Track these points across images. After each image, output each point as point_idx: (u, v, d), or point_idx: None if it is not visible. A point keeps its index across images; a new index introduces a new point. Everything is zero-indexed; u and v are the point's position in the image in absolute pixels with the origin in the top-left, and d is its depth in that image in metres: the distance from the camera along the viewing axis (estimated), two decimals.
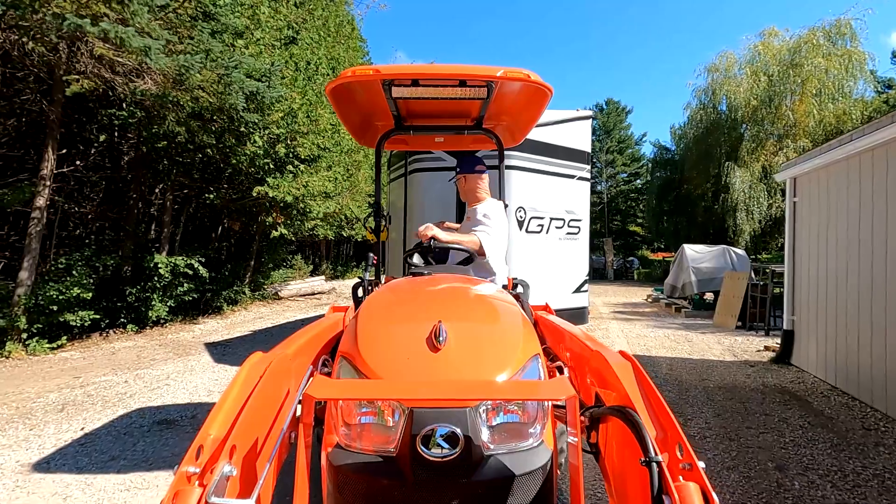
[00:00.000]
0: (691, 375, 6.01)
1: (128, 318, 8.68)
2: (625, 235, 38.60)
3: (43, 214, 7.08)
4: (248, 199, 9.29)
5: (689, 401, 4.95)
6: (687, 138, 23.43)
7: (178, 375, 5.77)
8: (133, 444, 3.76)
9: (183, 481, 1.08)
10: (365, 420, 1.43)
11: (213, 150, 8.35)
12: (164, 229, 9.32)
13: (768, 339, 8.45)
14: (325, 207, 11.96)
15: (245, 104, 6.71)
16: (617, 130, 40.33)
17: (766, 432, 4.05)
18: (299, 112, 8.30)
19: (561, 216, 6.43)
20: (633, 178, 40.76)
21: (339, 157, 11.12)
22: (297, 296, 15.20)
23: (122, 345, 7.72)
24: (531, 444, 1.43)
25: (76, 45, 5.26)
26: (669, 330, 9.50)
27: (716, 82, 21.36)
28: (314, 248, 24.94)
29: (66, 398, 4.93)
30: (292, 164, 9.04)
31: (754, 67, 20.34)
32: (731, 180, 19.14)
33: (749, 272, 10.13)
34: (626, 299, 15.50)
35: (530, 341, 1.68)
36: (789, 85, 19.13)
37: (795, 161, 6.26)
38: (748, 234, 19.20)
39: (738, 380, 5.80)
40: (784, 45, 20.18)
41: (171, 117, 6.71)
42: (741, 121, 20.48)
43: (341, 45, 13.04)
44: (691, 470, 1.13)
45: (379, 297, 2.12)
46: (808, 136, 19.22)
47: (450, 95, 2.73)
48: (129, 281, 8.71)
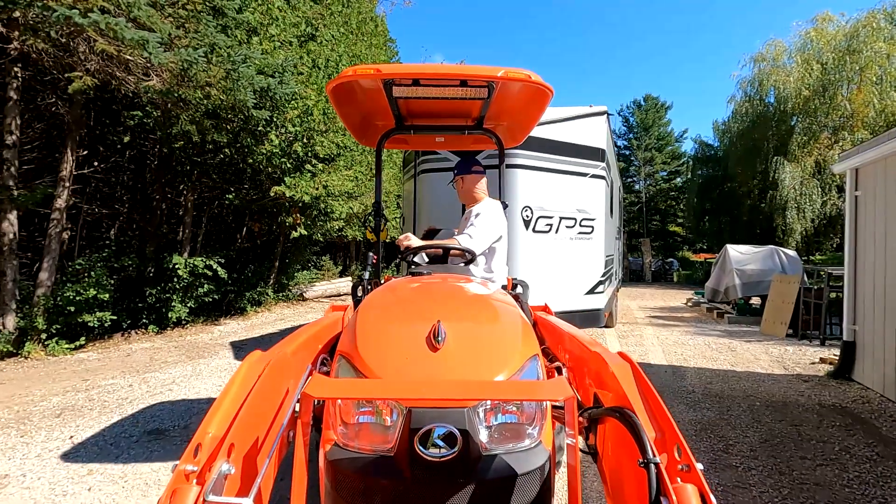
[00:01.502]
0: (734, 390, 5.37)
1: (149, 318, 8.71)
2: (664, 236, 37.09)
3: (63, 215, 7.13)
4: (267, 199, 9.16)
5: (731, 421, 4.36)
6: (731, 133, 22.11)
7: (183, 380, 5.60)
8: (115, 456, 3.55)
9: (181, 479, 1.07)
10: (363, 419, 1.42)
11: (230, 150, 8.26)
12: (185, 230, 9.32)
13: (824, 349, 7.61)
14: (347, 208, 11.79)
15: (256, 101, 6.53)
16: (656, 127, 38.75)
17: (824, 465, 3.45)
18: (315, 109, 8.09)
19: (572, 215, 6.25)
20: (672, 176, 39.10)
21: (360, 156, 10.89)
22: (322, 297, 15.13)
23: (139, 346, 7.70)
24: (529, 444, 1.42)
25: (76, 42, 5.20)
26: (710, 337, 8.75)
27: (763, 72, 20.05)
28: (344, 250, 25.01)
29: (68, 402, 4.82)
30: (310, 162, 8.85)
31: (806, 55, 18.94)
32: (780, 176, 17.86)
33: (801, 275, 9.24)
34: (663, 303, 14.64)
35: (529, 342, 1.67)
36: (846, 73, 17.67)
37: (857, 149, 5.52)
38: (799, 234, 17.86)
39: (790, 397, 5.14)
40: (840, 30, 18.73)
41: (184, 116, 6.61)
42: (791, 113, 19.12)
43: (363, 42, 12.85)
44: (689, 471, 1.12)
45: (378, 297, 2.10)
46: (867, 128, 17.72)
47: (450, 95, 2.72)
48: (151, 282, 8.73)
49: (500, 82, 2.53)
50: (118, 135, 8.81)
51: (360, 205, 12.94)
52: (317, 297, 14.93)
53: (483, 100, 2.78)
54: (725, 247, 11.10)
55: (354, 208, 12.44)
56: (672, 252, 35.09)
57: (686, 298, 14.93)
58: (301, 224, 9.84)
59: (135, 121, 7.27)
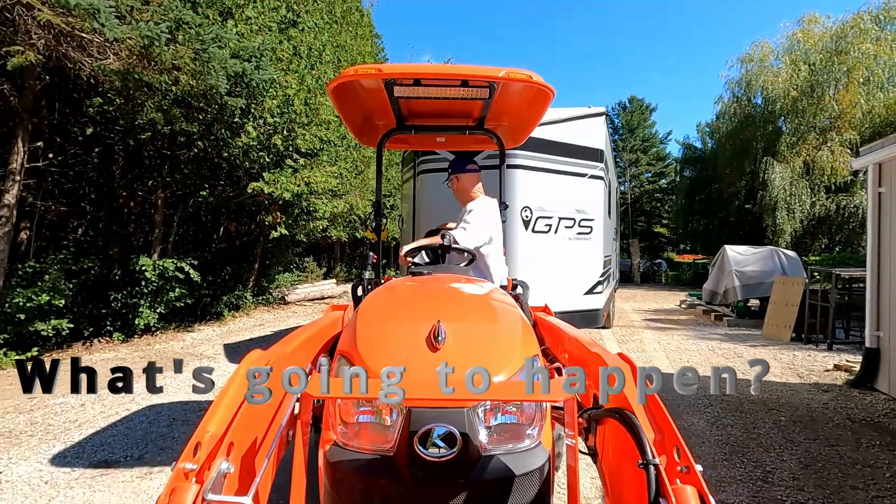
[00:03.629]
0: (753, 402, 4.96)
1: (114, 326, 8.00)
2: (649, 237, 37.18)
3: (12, 212, 6.42)
4: (245, 196, 8.52)
5: (761, 441, 3.92)
6: (720, 133, 22.07)
7: (144, 398, 4.97)
8: (47, 501, 2.94)
9: (180, 478, 1.07)
10: (363, 419, 1.42)
11: (204, 143, 7.61)
12: (156, 230, 8.62)
13: (833, 354, 7.29)
14: (332, 207, 11.17)
15: (229, 87, 5.92)
16: (641, 129, 38.92)
17: (881, 496, 3.02)
18: (296, 99, 7.49)
19: (571, 216, 6.26)
20: (657, 177, 39.31)
21: (345, 151, 10.29)
22: (304, 300, 14.46)
23: (101, 356, 7.01)
24: (529, 444, 1.42)
25: (15, 12, 4.54)
26: (713, 342, 8.39)
27: (750, 73, 19.99)
28: (328, 251, 24.29)
29: (5, 427, 4.17)
30: (291, 157, 8.24)
31: (794, 56, 18.92)
32: (770, 177, 17.75)
33: (804, 276, 8.94)
34: (657, 305, 14.32)
35: (529, 342, 1.68)
36: (833, 73, 17.66)
37: (882, 143, 5.17)
38: (789, 235, 17.77)
39: (815, 410, 4.73)
40: (827, 31, 18.75)
41: (149, 104, 5.97)
42: (779, 113, 19.10)
43: (349, 32, 12.25)
44: (688, 473, 1.11)
45: (378, 297, 2.07)
46: (854, 129, 17.76)
47: (451, 95, 2.72)
48: (116, 286, 8.02)
49: (501, 83, 2.53)
50: (80, 125, 8.09)
51: (346, 203, 12.34)
52: (299, 301, 14.26)
53: (484, 100, 2.78)
54: (724, 248, 10.77)
55: (339, 207, 11.83)
56: (657, 253, 35.17)
57: (679, 300, 14.65)
58: (282, 223, 9.21)
59: (95, 108, 6.58)
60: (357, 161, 12.07)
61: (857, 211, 17.12)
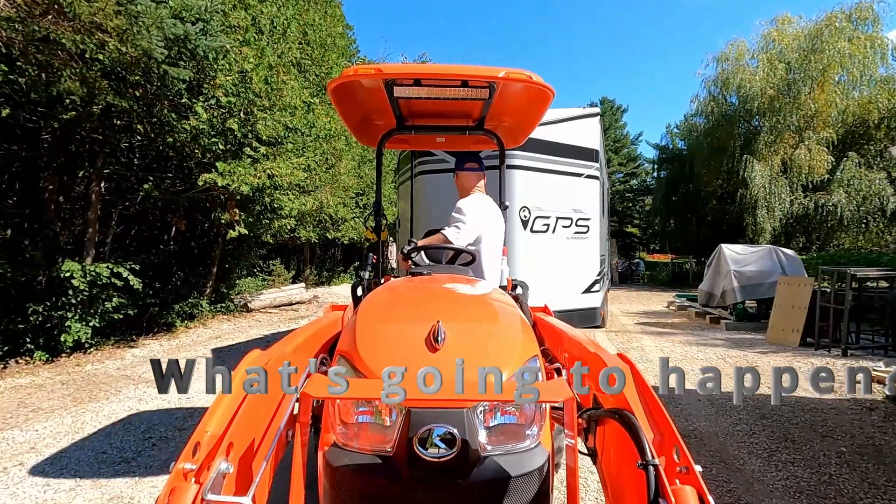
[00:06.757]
0: (798, 426, 4.25)
1: (35, 343, 6.73)
2: (622, 237, 37.28)
3: None
4: (196, 190, 7.37)
5: (835, 484, 3.17)
6: (696, 131, 21.94)
7: (51, 443, 3.85)
8: None
9: (179, 478, 1.06)
10: (362, 419, 1.41)
11: (145, 126, 6.45)
12: (89, 229, 7.36)
13: (850, 360, 6.75)
14: (300, 204, 10.08)
15: (168, 53, 4.84)
16: (612, 130, 38.98)
17: None
18: (255, 76, 6.42)
19: (568, 215, 6.33)
20: (629, 178, 39.51)
21: (313, 141, 9.22)
22: (270, 307, 13.23)
23: (13, 382, 5.77)
24: (528, 445, 1.40)
25: None
26: (718, 348, 7.76)
27: (727, 72, 19.92)
28: (297, 253, 22.94)
29: None
30: (251, 145, 7.15)
31: (770, 55, 18.89)
32: (749, 175, 17.58)
33: (805, 276, 8.44)
34: (644, 307, 13.77)
35: (529, 342, 1.66)
36: (809, 72, 17.68)
37: None
38: (769, 234, 17.64)
39: (872, 435, 4.05)
40: (802, 30, 18.81)
41: (66, 73, 4.84)
42: (756, 112, 19.04)
43: (317, 11, 11.14)
44: (688, 473, 1.11)
45: (378, 297, 2.06)
46: (830, 127, 17.82)
47: (452, 96, 2.75)
48: (37, 296, 6.75)
49: (500, 83, 2.55)
50: None
51: (315, 201, 11.24)
52: (264, 308, 13.02)
53: (484, 100, 2.81)
54: (720, 247, 10.23)
55: (308, 205, 10.73)
56: (629, 253, 35.28)
57: (667, 301, 14.16)
58: (240, 222, 8.08)
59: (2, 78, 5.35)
60: (327, 153, 10.98)
61: (835, 210, 17.11)
